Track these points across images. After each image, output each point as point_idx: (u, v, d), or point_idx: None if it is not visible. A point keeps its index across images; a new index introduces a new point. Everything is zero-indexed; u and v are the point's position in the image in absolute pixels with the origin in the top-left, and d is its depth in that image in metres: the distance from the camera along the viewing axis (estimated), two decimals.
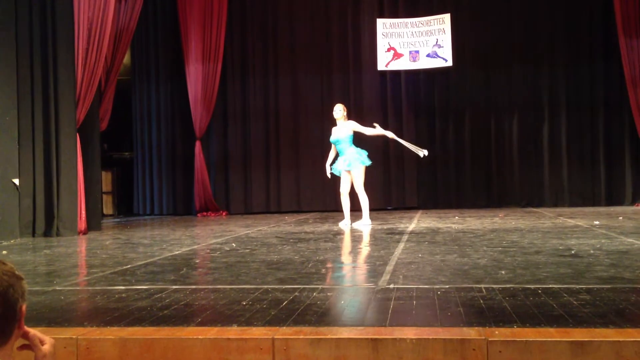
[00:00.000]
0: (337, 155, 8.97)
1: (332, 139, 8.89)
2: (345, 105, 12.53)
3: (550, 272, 4.27)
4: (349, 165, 8.68)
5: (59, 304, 3.67)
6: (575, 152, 12.11)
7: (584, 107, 12.06)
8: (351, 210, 8.88)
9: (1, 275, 1.63)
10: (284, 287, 4.12)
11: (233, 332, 2.90)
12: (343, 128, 8.81)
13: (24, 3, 8.18)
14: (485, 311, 3.14)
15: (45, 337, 1.78)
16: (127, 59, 12.70)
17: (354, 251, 5.79)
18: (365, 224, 8.68)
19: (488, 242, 6.25)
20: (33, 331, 1.78)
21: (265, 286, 4.25)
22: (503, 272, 4.33)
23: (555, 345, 2.62)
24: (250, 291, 3.90)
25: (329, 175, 9.06)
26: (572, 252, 5.33)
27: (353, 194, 8.82)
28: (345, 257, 5.36)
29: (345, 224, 8.74)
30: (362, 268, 4.73)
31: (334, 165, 8.91)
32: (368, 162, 8.79)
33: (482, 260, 4.91)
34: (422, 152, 8.82)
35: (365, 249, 5.99)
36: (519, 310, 3.13)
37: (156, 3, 13.10)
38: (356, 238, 7.03)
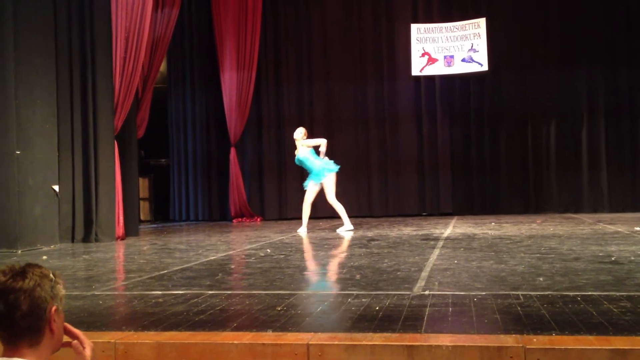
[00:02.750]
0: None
1: (297, 158, 9.34)
2: (379, 112, 12.64)
3: (589, 279, 4.20)
4: (317, 179, 9.13)
5: (97, 309, 3.72)
6: (615, 157, 11.87)
7: (624, 111, 11.83)
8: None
9: (31, 275, 1.67)
10: (318, 292, 4.13)
11: (268, 337, 2.91)
12: (301, 148, 9.28)
13: (63, 13, 8.35)
14: (522, 318, 3.09)
15: (85, 341, 1.81)
16: (163, 67, 12.86)
17: (389, 257, 5.76)
18: (347, 230, 9.02)
19: (525, 248, 6.17)
20: (77, 333, 1.80)
21: (300, 292, 4.26)
22: (541, 278, 4.26)
23: (594, 353, 2.57)
24: (285, 297, 3.91)
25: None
26: (613, 258, 5.22)
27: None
28: (380, 263, 5.34)
29: (303, 231, 9.08)
30: (397, 274, 4.70)
31: (306, 182, 9.35)
32: (336, 168, 9.24)
33: (519, 267, 4.84)
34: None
35: (399, 255, 5.95)
36: (557, 317, 3.08)
37: (192, 12, 13.26)
38: (390, 244, 7.00)
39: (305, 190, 9.34)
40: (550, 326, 2.91)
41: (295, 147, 9.50)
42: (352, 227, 9.08)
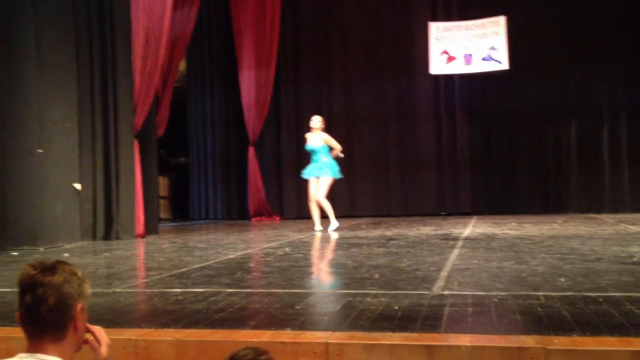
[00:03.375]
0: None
1: (308, 146, 9.30)
2: (398, 110, 12.60)
3: (611, 280, 4.15)
4: (320, 170, 9.15)
5: (118, 306, 3.75)
6: (637, 156, 11.71)
7: None
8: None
9: (60, 271, 1.69)
10: (337, 291, 4.12)
11: (287, 335, 2.92)
12: (317, 137, 9.26)
13: (83, 13, 8.42)
14: (543, 319, 3.07)
15: (101, 338, 1.82)
16: (183, 66, 12.93)
17: (408, 256, 5.74)
18: (334, 227, 9.11)
19: (546, 248, 6.12)
20: (94, 330, 1.81)
21: (319, 291, 4.26)
22: (562, 279, 4.23)
23: (616, 354, 2.55)
24: (303, 295, 3.91)
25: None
26: (635, 259, 5.16)
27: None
28: (399, 263, 5.32)
29: (318, 229, 9.09)
30: (416, 274, 4.69)
31: (306, 170, 9.37)
32: (339, 176, 9.32)
33: (540, 267, 4.81)
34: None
35: (418, 254, 5.93)
36: (578, 318, 3.05)
37: (211, 11, 13.31)
38: (409, 244, 6.97)
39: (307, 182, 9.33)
40: (571, 327, 2.88)
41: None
42: (338, 224, 9.20)
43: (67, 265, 1.72)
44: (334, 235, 8.53)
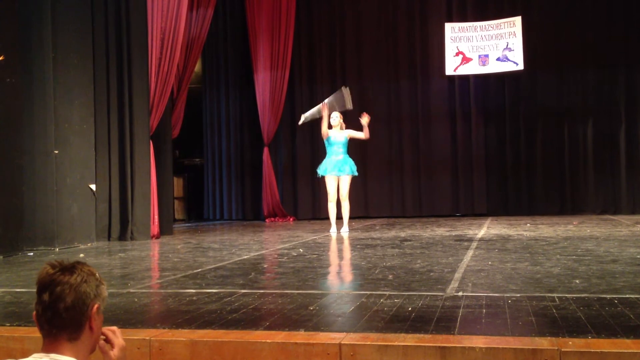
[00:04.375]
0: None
1: (332, 140, 9.14)
2: (412, 111, 12.57)
3: (627, 282, 4.12)
4: (350, 170, 9.05)
5: (132, 306, 3.78)
6: None
7: None
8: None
9: (79, 271, 1.71)
10: (351, 292, 4.12)
11: (300, 336, 2.92)
12: (341, 133, 9.18)
13: (100, 14, 8.49)
14: (558, 321, 3.05)
15: (115, 341, 1.83)
16: (198, 67, 12.99)
17: (422, 257, 5.73)
18: (347, 231, 8.99)
19: (561, 250, 6.08)
20: (106, 334, 1.83)
21: (332, 292, 4.26)
22: (577, 281, 4.20)
23: (632, 357, 2.53)
24: (317, 296, 3.92)
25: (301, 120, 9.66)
26: None
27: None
28: (413, 264, 5.31)
29: (334, 231, 9.00)
30: (430, 275, 4.68)
31: (325, 166, 9.14)
32: (356, 174, 9.24)
33: (555, 269, 4.78)
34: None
35: (432, 255, 5.92)
36: (593, 320, 3.03)
37: (226, 13, 13.36)
38: (423, 245, 6.96)
39: (324, 180, 9.21)
40: (586, 329, 2.86)
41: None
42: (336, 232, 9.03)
43: (85, 266, 1.74)
44: (346, 236, 8.52)
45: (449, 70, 12.25)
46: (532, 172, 12.12)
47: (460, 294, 3.84)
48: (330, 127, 9.19)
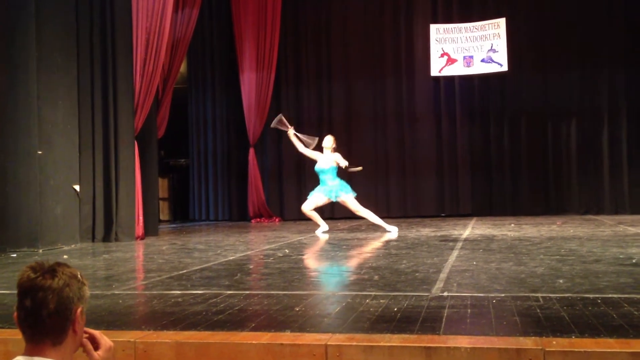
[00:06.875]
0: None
1: (317, 167, 9.16)
2: (398, 112, 12.61)
3: (610, 282, 4.16)
4: (336, 196, 9.01)
5: (117, 308, 3.76)
6: (637, 157, 11.72)
7: None
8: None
9: (61, 274, 1.68)
10: (337, 293, 4.13)
11: (286, 337, 2.92)
12: (328, 158, 9.07)
13: (84, 13, 8.43)
14: (542, 321, 3.08)
15: (101, 342, 1.81)
16: (183, 67, 12.94)
17: (407, 258, 5.74)
18: (393, 232, 8.78)
19: (545, 250, 6.12)
20: (93, 333, 1.81)
21: (318, 292, 4.27)
22: (561, 281, 4.23)
23: (614, 356, 2.55)
24: (303, 297, 3.92)
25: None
26: (633, 261, 5.17)
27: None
28: (398, 264, 5.33)
29: (322, 230, 8.99)
30: (415, 275, 4.69)
31: (317, 192, 9.19)
32: (354, 193, 9.15)
33: (539, 269, 4.81)
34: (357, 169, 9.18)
35: (418, 256, 5.94)
36: (577, 320, 3.06)
37: (212, 13, 13.32)
38: (409, 245, 6.98)
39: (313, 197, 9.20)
40: (570, 329, 2.89)
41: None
42: (394, 228, 8.95)
43: (66, 268, 1.72)
44: (324, 237, 8.52)
45: (434, 71, 12.30)
46: (516, 173, 12.20)
47: (445, 294, 3.86)
48: (321, 149, 9.18)
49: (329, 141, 9.17)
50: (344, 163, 8.89)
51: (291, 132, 9.41)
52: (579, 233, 7.90)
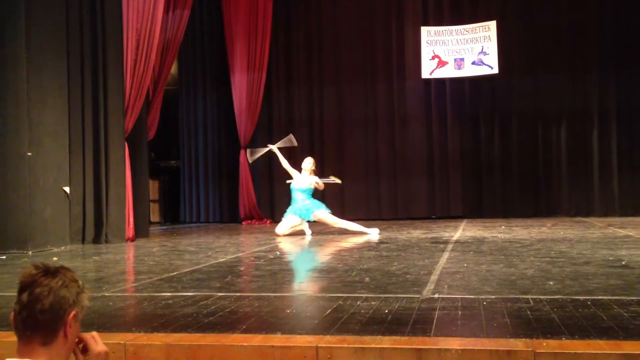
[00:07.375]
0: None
1: (293, 187, 9.20)
2: (389, 114, 12.62)
3: (600, 284, 4.18)
4: (305, 216, 8.99)
5: (107, 310, 3.74)
6: (626, 160, 11.80)
7: (635, 114, 11.75)
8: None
9: (62, 276, 1.70)
10: (327, 295, 4.12)
11: (277, 339, 2.92)
12: (305, 180, 9.13)
13: (75, 15, 8.40)
14: (532, 322, 3.08)
15: (91, 346, 1.80)
16: (174, 69, 12.91)
17: (398, 260, 5.75)
18: (373, 233, 8.70)
19: (535, 252, 6.14)
20: (84, 338, 1.80)
21: (309, 294, 4.26)
22: (551, 282, 4.25)
23: (605, 357, 2.56)
24: (293, 299, 3.92)
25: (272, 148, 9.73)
26: (623, 263, 5.19)
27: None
28: (389, 266, 5.33)
29: (375, 233, 8.80)
30: (406, 277, 4.70)
31: (292, 210, 9.17)
32: (328, 210, 9.10)
33: (529, 271, 4.83)
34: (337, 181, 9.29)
35: (409, 258, 5.95)
36: (567, 321, 3.07)
37: (203, 14, 13.31)
38: (400, 247, 6.99)
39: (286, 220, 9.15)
40: (560, 330, 2.90)
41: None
42: (375, 231, 8.81)
43: (69, 272, 1.74)
44: (308, 238, 8.53)
45: (425, 74, 12.32)
46: (507, 175, 12.24)
47: (436, 296, 3.87)
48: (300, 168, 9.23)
49: (308, 163, 9.24)
50: (321, 183, 9.07)
51: (274, 147, 9.53)
52: (569, 235, 7.94)
